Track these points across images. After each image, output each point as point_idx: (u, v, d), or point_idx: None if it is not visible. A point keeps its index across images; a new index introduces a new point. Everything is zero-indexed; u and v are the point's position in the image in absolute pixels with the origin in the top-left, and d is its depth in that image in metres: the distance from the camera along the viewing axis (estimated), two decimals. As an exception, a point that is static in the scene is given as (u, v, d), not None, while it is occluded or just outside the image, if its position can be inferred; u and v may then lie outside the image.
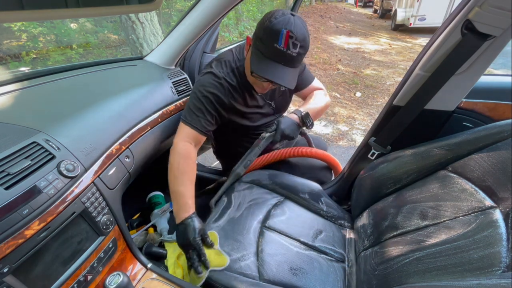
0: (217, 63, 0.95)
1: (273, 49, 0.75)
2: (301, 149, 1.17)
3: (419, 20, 7.30)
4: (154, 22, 2.36)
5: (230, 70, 0.94)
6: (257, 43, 0.78)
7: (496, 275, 0.52)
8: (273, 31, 0.73)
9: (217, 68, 0.93)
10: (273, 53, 0.75)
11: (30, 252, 0.53)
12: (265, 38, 0.75)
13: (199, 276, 0.73)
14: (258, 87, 0.93)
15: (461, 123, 0.95)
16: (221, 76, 0.91)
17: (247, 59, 0.88)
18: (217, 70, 0.92)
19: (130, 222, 1.24)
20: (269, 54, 0.76)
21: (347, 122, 2.98)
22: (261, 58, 0.78)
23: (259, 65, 0.78)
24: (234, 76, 0.94)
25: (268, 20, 0.74)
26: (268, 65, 0.77)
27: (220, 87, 0.91)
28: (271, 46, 0.74)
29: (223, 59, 0.96)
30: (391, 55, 5.66)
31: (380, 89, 3.87)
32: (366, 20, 10.67)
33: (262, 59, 0.77)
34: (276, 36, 0.73)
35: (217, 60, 0.97)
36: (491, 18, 0.70)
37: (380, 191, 0.95)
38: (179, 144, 0.89)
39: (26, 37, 3.03)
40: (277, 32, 0.72)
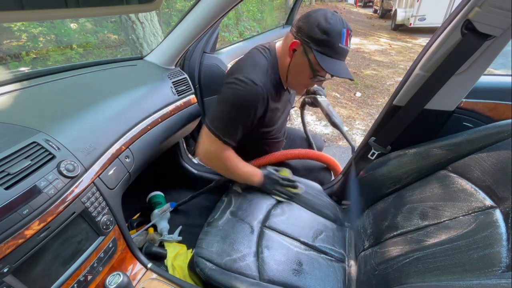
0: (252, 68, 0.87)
1: (338, 49, 0.78)
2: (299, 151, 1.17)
3: (419, 20, 7.30)
4: (154, 22, 2.35)
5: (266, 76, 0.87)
6: (318, 48, 0.78)
7: (496, 275, 0.52)
8: (336, 31, 0.76)
9: (254, 74, 0.84)
10: (338, 52, 0.79)
11: (30, 252, 0.53)
12: (329, 40, 0.76)
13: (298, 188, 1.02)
14: (303, 88, 0.96)
15: (461, 123, 0.95)
16: (261, 85, 0.84)
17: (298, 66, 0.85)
18: (255, 77, 0.84)
19: (130, 222, 1.24)
20: (334, 54, 0.79)
21: (347, 122, 2.98)
22: (327, 60, 0.79)
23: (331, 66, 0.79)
24: (271, 82, 0.89)
25: (324, 22, 0.76)
26: (338, 65, 0.80)
27: (260, 96, 0.85)
28: (336, 47, 0.77)
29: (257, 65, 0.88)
30: (391, 55, 5.66)
31: (380, 89, 3.87)
32: (366, 20, 10.66)
33: (329, 60, 0.79)
34: (339, 35, 0.77)
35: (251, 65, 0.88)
36: (491, 18, 0.70)
37: (380, 191, 0.95)
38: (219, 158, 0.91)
39: (26, 37, 3.03)
40: (340, 31, 0.76)
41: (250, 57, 0.91)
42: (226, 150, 0.91)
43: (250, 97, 0.83)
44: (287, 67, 0.88)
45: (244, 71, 0.85)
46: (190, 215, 1.35)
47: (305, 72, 0.85)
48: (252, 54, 0.93)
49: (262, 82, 0.84)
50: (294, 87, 0.97)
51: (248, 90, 0.82)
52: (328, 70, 0.78)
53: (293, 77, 0.90)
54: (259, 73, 0.85)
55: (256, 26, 5.46)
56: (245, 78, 0.82)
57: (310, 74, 0.84)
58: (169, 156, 1.39)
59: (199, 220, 1.29)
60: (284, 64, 0.88)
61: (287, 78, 0.90)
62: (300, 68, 0.85)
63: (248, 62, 0.89)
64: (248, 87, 0.82)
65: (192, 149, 1.58)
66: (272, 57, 0.91)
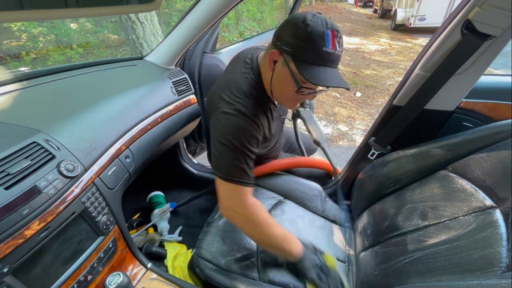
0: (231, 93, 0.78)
1: (322, 54, 0.66)
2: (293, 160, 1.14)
3: (419, 20, 7.30)
4: (154, 22, 2.36)
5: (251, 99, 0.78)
6: (296, 54, 0.67)
7: (496, 275, 0.51)
8: (318, 35, 0.64)
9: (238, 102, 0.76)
10: (323, 58, 0.66)
11: (30, 252, 0.53)
12: (310, 45, 0.65)
13: None
14: (293, 103, 0.82)
15: (461, 123, 0.95)
16: (249, 112, 0.76)
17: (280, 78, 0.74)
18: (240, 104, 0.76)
19: (130, 222, 1.24)
20: (318, 60, 0.67)
21: (347, 122, 2.98)
22: (310, 68, 0.67)
23: (316, 74, 0.67)
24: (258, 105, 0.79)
25: (303, 25, 0.65)
26: (325, 72, 0.67)
27: (255, 126, 0.77)
28: (320, 51, 0.65)
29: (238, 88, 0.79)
30: (391, 55, 5.66)
31: (380, 89, 3.87)
32: (366, 20, 10.66)
33: (312, 68, 0.67)
34: (323, 38, 0.65)
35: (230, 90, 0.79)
36: (491, 18, 0.70)
37: (380, 191, 0.95)
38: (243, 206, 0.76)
39: (26, 37, 3.03)
40: (322, 33, 0.65)
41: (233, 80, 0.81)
42: (249, 197, 0.77)
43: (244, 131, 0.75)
44: (270, 81, 0.77)
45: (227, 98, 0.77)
46: (190, 215, 1.35)
47: (289, 85, 0.73)
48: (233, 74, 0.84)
49: (249, 109, 0.76)
50: (283, 103, 0.85)
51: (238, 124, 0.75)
52: (311, 79, 0.66)
53: (278, 92, 0.78)
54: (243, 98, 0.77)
55: (256, 26, 5.46)
56: (230, 110, 0.75)
57: (294, 86, 0.71)
58: (169, 156, 1.39)
59: (199, 220, 1.29)
60: (267, 78, 0.78)
61: (272, 93, 0.80)
62: (283, 81, 0.74)
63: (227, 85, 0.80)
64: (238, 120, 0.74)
65: (192, 149, 1.58)
66: (255, 76, 0.81)
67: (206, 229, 0.90)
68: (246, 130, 0.75)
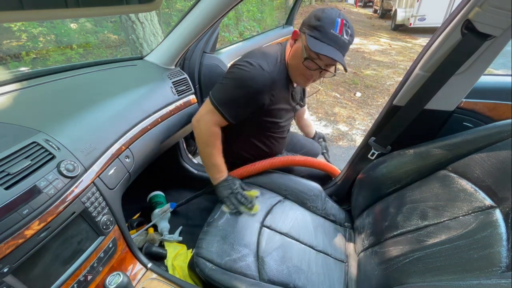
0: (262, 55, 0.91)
1: (330, 34, 0.79)
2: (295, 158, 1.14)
3: (419, 20, 7.29)
4: (154, 22, 2.35)
5: (275, 64, 0.91)
6: (310, 32, 0.82)
7: (496, 275, 0.51)
8: (329, 19, 0.79)
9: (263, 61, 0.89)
10: (330, 38, 0.80)
11: (30, 252, 0.53)
12: (321, 25, 0.79)
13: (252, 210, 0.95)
14: (303, 78, 0.92)
15: (461, 123, 0.95)
16: (268, 71, 0.88)
17: (294, 52, 0.89)
18: (263, 63, 0.88)
19: (130, 222, 1.24)
20: (326, 39, 0.80)
21: (347, 122, 2.98)
22: (317, 42, 0.80)
23: (319, 46, 0.80)
24: (279, 71, 0.92)
25: (321, 13, 0.81)
26: (327, 47, 0.80)
27: (265, 81, 0.88)
28: (328, 32, 0.79)
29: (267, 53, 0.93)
30: (391, 55, 5.66)
31: (380, 89, 3.87)
32: (366, 20, 10.66)
33: (318, 43, 0.80)
34: (332, 23, 0.79)
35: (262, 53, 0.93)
36: (491, 18, 0.70)
37: (380, 191, 0.95)
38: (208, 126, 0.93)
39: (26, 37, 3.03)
40: (333, 20, 0.79)
41: (264, 47, 0.97)
42: (216, 126, 0.94)
43: (255, 80, 0.86)
44: (288, 57, 0.92)
45: (254, 57, 0.89)
46: (190, 215, 1.35)
47: (299, 57, 0.87)
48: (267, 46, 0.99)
49: (269, 69, 0.88)
50: (295, 78, 0.95)
51: (254, 73, 0.86)
52: (314, 48, 0.79)
53: (291, 65, 0.92)
54: (268, 60, 0.89)
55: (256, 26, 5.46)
56: (254, 62, 0.87)
57: (302, 58, 0.85)
58: (169, 156, 1.39)
59: (199, 220, 1.29)
60: (288, 56, 0.92)
61: (288, 68, 0.93)
62: (296, 53, 0.88)
63: (260, 51, 0.94)
64: (255, 70, 0.86)
65: (192, 149, 1.58)
66: (283, 50, 0.95)
67: (206, 229, 0.90)
68: (255, 79, 0.86)
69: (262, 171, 1.10)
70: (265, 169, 1.10)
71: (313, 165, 1.18)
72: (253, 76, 0.86)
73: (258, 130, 1.07)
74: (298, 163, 1.14)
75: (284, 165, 1.12)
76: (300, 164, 1.16)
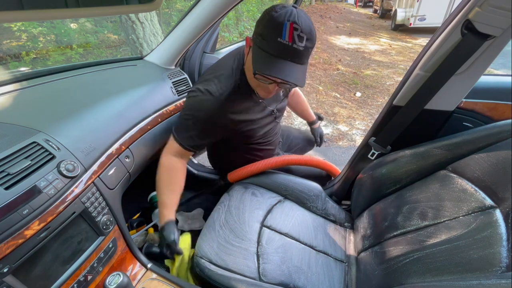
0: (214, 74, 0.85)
1: (277, 45, 0.66)
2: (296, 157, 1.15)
3: (419, 20, 7.30)
4: (154, 22, 2.35)
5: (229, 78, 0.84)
6: (257, 41, 0.69)
7: (496, 275, 0.51)
8: (275, 25, 0.64)
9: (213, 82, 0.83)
10: (277, 49, 0.66)
11: (30, 252, 0.53)
12: (267, 33, 0.66)
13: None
14: (262, 91, 0.81)
15: (461, 123, 0.95)
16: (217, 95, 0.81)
17: (248, 62, 0.78)
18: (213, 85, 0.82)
19: (130, 222, 1.24)
20: (273, 51, 0.67)
21: (347, 122, 2.98)
22: (264, 56, 0.68)
23: (263, 63, 0.69)
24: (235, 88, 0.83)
25: (268, 14, 0.66)
26: (274, 63, 0.68)
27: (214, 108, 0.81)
28: (275, 41, 0.65)
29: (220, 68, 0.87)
30: (391, 55, 5.66)
31: (380, 89, 3.87)
32: (366, 20, 10.66)
33: (266, 57, 0.68)
34: (279, 29, 0.64)
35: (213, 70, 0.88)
36: (491, 18, 0.70)
37: (380, 191, 0.95)
38: (164, 157, 0.90)
39: (26, 37, 3.03)
40: (280, 25, 0.64)
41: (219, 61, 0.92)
42: (177, 156, 0.90)
43: (202, 109, 0.82)
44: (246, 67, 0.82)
45: (205, 79, 0.86)
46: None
47: (250, 71, 0.76)
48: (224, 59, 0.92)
49: (219, 91, 0.81)
50: (254, 89, 0.85)
51: (201, 102, 0.82)
52: (257, 68, 0.69)
53: (247, 77, 0.82)
54: (220, 79, 0.83)
55: (256, 26, 5.45)
56: (202, 87, 0.83)
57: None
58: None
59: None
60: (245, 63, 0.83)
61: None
62: (248, 66, 0.77)
63: (213, 68, 0.90)
64: (203, 98, 0.82)
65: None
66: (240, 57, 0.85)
67: (206, 229, 0.90)
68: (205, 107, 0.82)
69: (262, 171, 1.10)
70: (265, 169, 1.10)
71: (313, 164, 1.19)
72: (200, 105, 0.82)
73: (241, 145, 1.05)
74: (299, 162, 1.14)
75: (284, 165, 1.11)
76: (301, 164, 1.15)
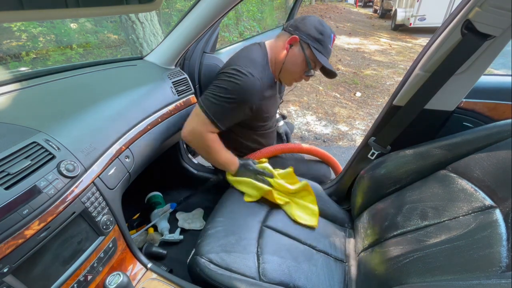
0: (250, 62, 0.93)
1: (327, 49, 0.93)
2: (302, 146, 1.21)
3: (419, 20, 7.30)
4: (154, 22, 2.35)
5: (262, 69, 0.94)
6: (315, 45, 0.90)
7: (496, 275, 0.51)
8: (328, 35, 0.91)
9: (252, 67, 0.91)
10: (328, 52, 0.93)
11: (30, 252, 0.53)
12: (323, 40, 0.90)
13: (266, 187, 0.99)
14: (293, 81, 1.01)
15: (461, 123, 0.95)
16: (258, 77, 0.91)
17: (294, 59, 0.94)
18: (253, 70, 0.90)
19: (130, 222, 1.24)
20: (326, 53, 0.93)
21: (347, 122, 2.98)
22: (321, 56, 0.91)
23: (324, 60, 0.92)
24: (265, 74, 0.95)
25: (320, 25, 0.91)
26: (327, 62, 0.93)
27: (256, 88, 0.91)
28: (327, 47, 0.92)
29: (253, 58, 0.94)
30: (391, 55, 5.66)
31: (380, 89, 3.87)
32: (366, 20, 10.66)
33: (323, 57, 0.92)
34: (329, 38, 0.92)
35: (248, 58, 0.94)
36: (491, 18, 0.70)
37: (380, 191, 0.95)
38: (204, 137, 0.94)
39: (26, 37, 3.03)
40: (330, 36, 0.92)
41: (247, 51, 0.98)
42: (212, 133, 0.95)
43: (247, 89, 0.89)
44: (282, 60, 0.95)
45: (242, 64, 0.91)
46: (190, 215, 1.35)
47: (300, 66, 0.95)
48: (248, 48, 1.00)
49: (259, 75, 0.91)
50: (285, 80, 1.02)
51: (246, 82, 0.88)
52: (324, 63, 0.92)
53: (287, 70, 0.97)
54: (255, 66, 0.92)
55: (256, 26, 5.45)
56: (244, 70, 0.89)
57: (305, 68, 0.95)
58: (169, 156, 1.39)
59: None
60: (278, 58, 0.96)
61: (280, 71, 0.98)
62: (296, 62, 0.94)
63: (246, 55, 0.96)
64: (247, 79, 0.88)
65: (192, 149, 1.58)
66: (264, 52, 0.98)
67: (206, 229, 0.90)
68: (247, 88, 0.89)
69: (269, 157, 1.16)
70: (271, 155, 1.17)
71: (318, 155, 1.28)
72: (246, 86, 0.88)
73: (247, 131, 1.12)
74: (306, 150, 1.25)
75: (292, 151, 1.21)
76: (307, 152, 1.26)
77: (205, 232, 0.89)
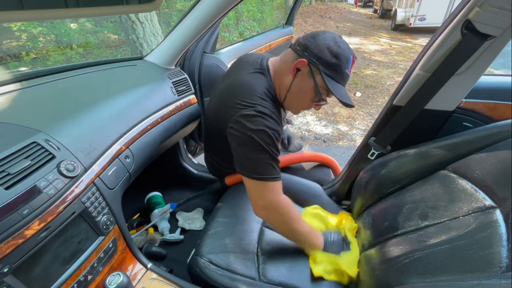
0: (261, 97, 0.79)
1: (344, 75, 0.77)
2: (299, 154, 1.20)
3: (419, 20, 7.30)
4: (154, 22, 2.36)
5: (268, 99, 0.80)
6: (325, 69, 0.75)
7: (496, 275, 0.51)
8: (345, 58, 0.74)
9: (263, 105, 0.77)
10: (344, 78, 0.77)
11: (30, 252, 0.53)
12: (338, 64, 0.74)
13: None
14: (301, 109, 0.88)
15: (461, 123, 0.95)
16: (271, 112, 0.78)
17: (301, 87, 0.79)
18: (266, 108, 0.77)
19: (130, 222, 1.24)
20: (340, 79, 0.77)
21: (347, 122, 2.98)
22: (335, 85, 0.76)
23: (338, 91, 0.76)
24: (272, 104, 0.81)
25: (335, 45, 0.74)
26: (342, 90, 0.78)
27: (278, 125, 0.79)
28: (343, 72, 0.76)
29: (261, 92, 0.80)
30: (391, 55, 5.66)
31: (380, 89, 3.87)
32: (366, 20, 10.66)
33: (336, 85, 0.76)
34: (347, 62, 0.75)
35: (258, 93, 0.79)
36: (491, 18, 0.70)
37: (380, 191, 0.95)
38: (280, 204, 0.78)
39: (26, 37, 3.03)
40: (347, 58, 0.75)
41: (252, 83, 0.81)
42: (281, 193, 0.79)
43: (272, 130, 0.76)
44: (288, 86, 0.81)
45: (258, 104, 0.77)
46: (190, 215, 1.34)
47: (309, 94, 0.80)
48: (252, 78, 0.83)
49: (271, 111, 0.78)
50: (291, 108, 0.88)
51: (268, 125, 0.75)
52: (337, 95, 0.75)
53: (293, 98, 0.83)
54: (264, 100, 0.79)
55: (256, 26, 5.46)
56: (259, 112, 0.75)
57: (315, 97, 0.80)
58: (169, 156, 1.39)
59: (199, 220, 1.28)
60: (282, 84, 0.82)
61: (285, 98, 0.84)
62: (303, 89, 0.80)
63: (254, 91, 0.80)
64: (267, 122, 0.75)
65: (192, 149, 1.58)
66: (267, 79, 0.83)
67: (206, 229, 0.90)
68: (272, 129, 0.76)
69: None
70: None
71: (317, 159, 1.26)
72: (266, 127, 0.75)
73: None
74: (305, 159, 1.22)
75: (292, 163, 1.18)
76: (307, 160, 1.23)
77: (205, 233, 0.89)
